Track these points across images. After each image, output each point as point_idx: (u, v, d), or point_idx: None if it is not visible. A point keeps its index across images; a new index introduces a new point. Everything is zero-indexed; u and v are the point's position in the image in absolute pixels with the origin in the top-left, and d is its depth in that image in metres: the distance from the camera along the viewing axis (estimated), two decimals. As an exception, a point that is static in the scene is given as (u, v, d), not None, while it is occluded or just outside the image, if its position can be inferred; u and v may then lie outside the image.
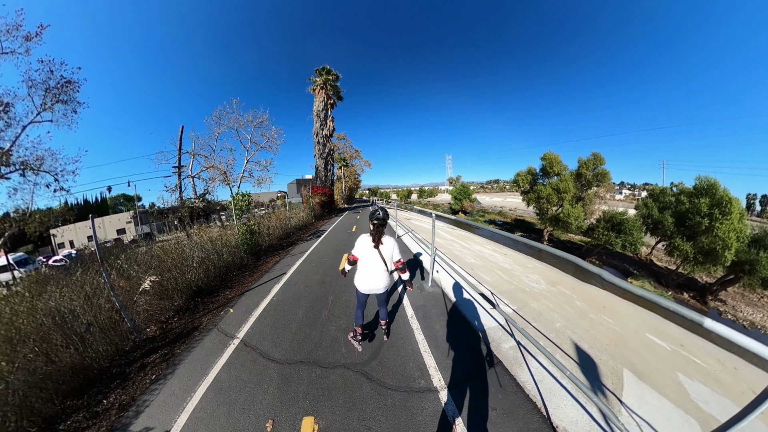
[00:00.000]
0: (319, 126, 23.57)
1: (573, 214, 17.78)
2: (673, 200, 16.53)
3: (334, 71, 23.41)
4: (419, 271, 5.55)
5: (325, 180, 24.51)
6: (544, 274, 5.64)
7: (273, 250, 8.43)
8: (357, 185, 52.89)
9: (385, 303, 3.03)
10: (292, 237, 10.93)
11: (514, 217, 39.04)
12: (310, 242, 9.24)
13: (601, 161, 19.81)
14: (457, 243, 8.65)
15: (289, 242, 9.79)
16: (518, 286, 4.67)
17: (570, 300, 4.22)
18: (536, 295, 4.24)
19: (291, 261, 6.80)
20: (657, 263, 20.13)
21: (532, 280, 5.09)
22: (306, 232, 12.17)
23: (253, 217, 11.07)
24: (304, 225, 14.47)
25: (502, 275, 5.28)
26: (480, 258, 6.76)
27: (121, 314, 3.31)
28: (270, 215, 11.74)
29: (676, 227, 14.92)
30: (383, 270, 2.73)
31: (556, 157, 21.44)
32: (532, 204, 21.95)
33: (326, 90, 23.27)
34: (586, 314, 3.71)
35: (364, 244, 2.73)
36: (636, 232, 15.09)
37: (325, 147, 24.23)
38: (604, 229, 15.74)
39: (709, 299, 15.12)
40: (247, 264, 6.77)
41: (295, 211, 14.81)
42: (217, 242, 6.39)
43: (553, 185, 20.02)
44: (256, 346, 3.14)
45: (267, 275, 5.72)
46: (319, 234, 11.08)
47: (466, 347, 2.98)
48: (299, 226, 13.57)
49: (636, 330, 3.39)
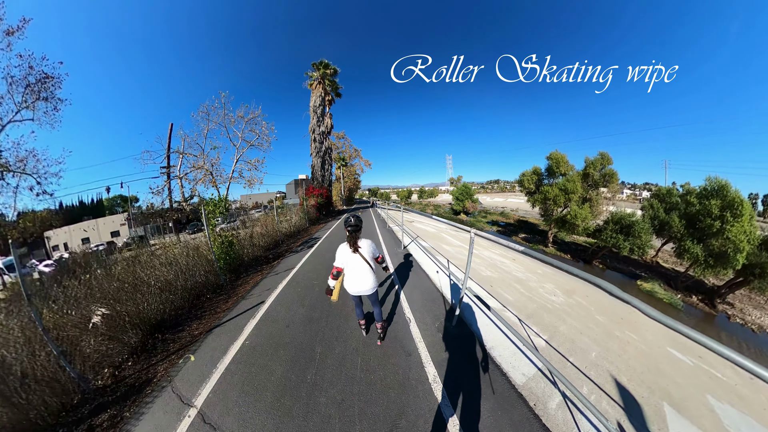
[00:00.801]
0: (316, 122, 22.35)
1: (580, 216, 17.42)
2: (679, 201, 16.30)
3: (333, 65, 22.41)
4: (442, 305, 4.20)
5: (321, 180, 23.10)
6: (556, 282, 5.41)
7: (257, 264, 7.39)
8: (357, 186, 52.00)
9: (377, 303, 3.15)
10: (280, 247, 9.66)
11: (517, 218, 38.80)
12: (300, 254, 8.09)
13: (608, 161, 19.48)
14: (465, 248, 8.29)
15: (276, 253, 8.67)
16: (540, 303, 4.47)
17: (590, 314, 4.00)
18: (560, 314, 4.11)
19: (274, 282, 5.67)
20: (663, 265, 19.90)
21: (549, 292, 4.82)
22: (298, 240, 11.01)
23: (245, 221, 10.47)
24: (297, 231, 13.21)
25: (521, 290, 5.06)
26: (494, 268, 6.47)
27: (61, 361, 2.71)
28: (254, 223, 10.52)
29: (687, 229, 14.63)
30: (368, 270, 2.92)
31: (562, 156, 20.96)
32: (539, 205, 21.48)
33: (324, 85, 22.17)
34: (611, 332, 3.53)
35: (344, 252, 2.95)
36: (645, 234, 14.78)
37: (322, 145, 22.92)
38: (613, 232, 15.40)
39: (718, 302, 14.89)
40: (224, 283, 5.77)
41: (288, 214, 13.76)
42: (193, 256, 5.55)
43: (560, 186, 19.61)
44: (217, 425, 2.31)
45: (243, 303, 4.76)
46: (312, 243, 9.83)
47: (507, 420, 2.23)
48: (291, 233, 12.32)
49: (658, 345, 3.38)
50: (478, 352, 3.06)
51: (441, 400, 2.40)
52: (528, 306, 4.28)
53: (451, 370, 2.76)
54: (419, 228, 12.12)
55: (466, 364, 2.88)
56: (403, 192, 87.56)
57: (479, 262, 6.85)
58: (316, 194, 19.57)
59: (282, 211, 13.04)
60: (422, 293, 4.67)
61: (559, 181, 20.31)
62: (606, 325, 3.79)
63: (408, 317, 3.84)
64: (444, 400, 2.40)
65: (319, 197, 19.54)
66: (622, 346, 3.30)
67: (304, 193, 20.49)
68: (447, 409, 2.32)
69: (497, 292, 4.79)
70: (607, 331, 3.65)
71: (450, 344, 3.20)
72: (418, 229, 11.54)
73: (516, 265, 6.73)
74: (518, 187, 24.07)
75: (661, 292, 15.26)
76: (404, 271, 5.86)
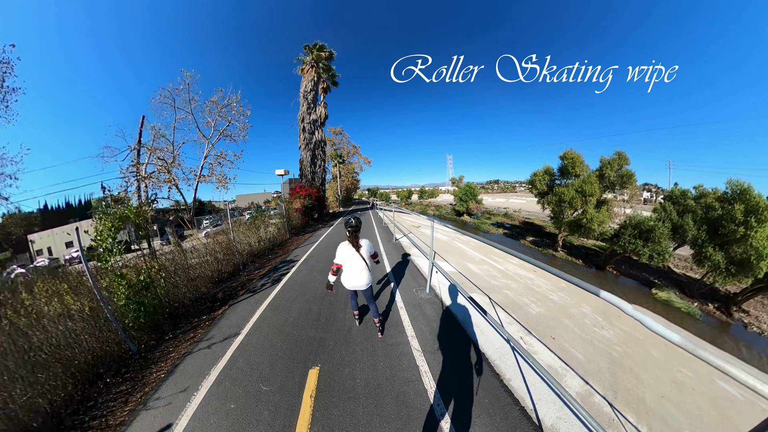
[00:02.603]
0: (306, 109, 19.16)
1: (597, 219, 16.86)
2: (693, 203, 15.95)
3: (328, 48, 19.89)
4: (474, 373, 2.89)
5: (312, 177, 19.77)
6: (590, 302, 4.95)
7: (196, 312, 4.80)
8: (355, 185, 49.68)
9: (372, 299, 3.48)
10: (239, 276, 6.72)
11: (522, 220, 38.42)
12: (259, 297, 5.19)
13: (625, 161, 18.77)
14: (491, 266, 7.72)
15: (230, 289, 5.86)
16: (605, 350, 3.57)
17: (649, 355, 3.53)
18: (626, 361, 3.43)
19: (200, 367, 3.25)
20: (675, 270, 19.64)
21: (597, 324, 4.37)
22: (268, 261, 8.03)
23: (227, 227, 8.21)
24: (273, 245, 10.20)
25: (577, 331, 4.05)
26: (538, 298, 5.28)
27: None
28: (198, 248, 7.27)
29: (708, 235, 14.27)
30: (364, 267, 3.24)
31: (578, 156, 20.05)
32: (552, 207, 20.57)
33: (317, 69, 19.67)
34: (686, 386, 3.10)
35: (345, 249, 3.25)
36: (664, 240, 14.38)
37: (312, 136, 19.62)
38: (631, 237, 14.94)
39: (734, 310, 14.59)
40: (133, 353, 3.58)
41: (261, 224, 10.51)
42: (62, 310, 3.50)
43: (577, 187, 18.74)
44: None
45: (144, 416, 2.62)
46: (284, 271, 6.78)
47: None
48: (260, 251, 9.15)
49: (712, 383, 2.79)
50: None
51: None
52: (598, 361, 3.21)
53: None
54: (427, 236, 11.59)
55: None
56: (403, 192, 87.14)
57: (516, 288, 6.02)
58: (303, 195, 16.27)
59: (258, 217, 10.86)
60: (454, 359, 3.14)
61: (575, 182, 19.44)
62: (680, 378, 3.24)
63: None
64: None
65: (307, 198, 16.25)
66: (704, 405, 2.77)
67: (289, 193, 17.34)
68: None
69: (563, 346, 3.43)
70: (679, 383, 3.12)
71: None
72: (428, 238, 10.97)
73: (547, 285, 6.20)
74: (520, 188, 23.57)
75: (678, 301, 14.97)
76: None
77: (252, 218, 11.19)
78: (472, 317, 3.91)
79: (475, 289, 5.21)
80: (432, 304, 4.46)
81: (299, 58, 19.92)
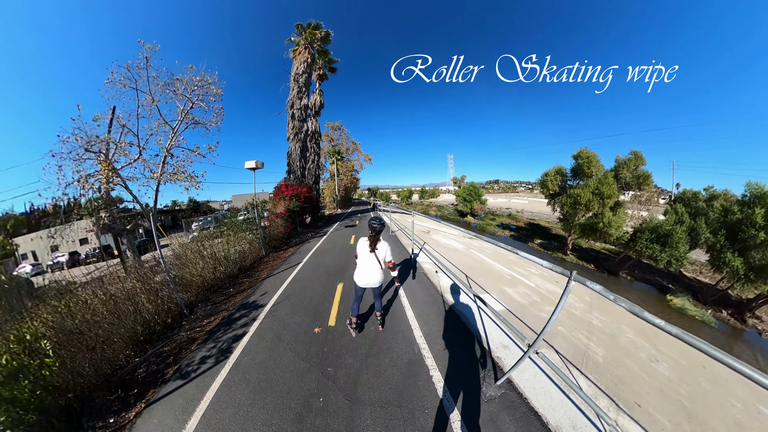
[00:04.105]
0: (297, 93, 16.27)
1: (615, 223, 16.45)
2: (704, 206, 15.76)
3: (324, 28, 17.38)
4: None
5: (302, 174, 16.86)
6: (629, 323, 4.60)
7: (102, 405, 2.93)
8: (355, 184, 46.89)
9: (379, 297, 3.76)
10: (179, 329, 4.50)
11: (527, 221, 38.23)
12: (189, 397, 2.94)
13: (642, 161, 18.18)
14: (525, 285, 7.17)
15: (158, 358, 3.74)
16: (676, 400, 2.98)
17: (726, 400, 3.13)
18: (698, 409, 2.94)
19: None
20: (685, 274, 19.53)
21: (651, 356, 3.95)
22: (224, 302, 5.51)
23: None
24: (240, 269, 7.62)
25: (646, 378, 3.31)
26: (587, 329, 4.40)
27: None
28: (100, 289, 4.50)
29: (727, 240, 14.08)
30: (378, 268, 3.43)
31: (594, 155, 19.06)
32: (566, 209, 19.75)
33: (311, 50, 17.34)
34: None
35: (363, 247, 3.44)
36: (682, 245, 14.14)
37: (303, 124, 16.72)
38: (648, 241, 14.67)
39: (747, 316, 14.42)
40: None
41: (225, 241, 8.07)
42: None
43: (593, 188, 18.01)
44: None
45: None
46: (243, 325, 4.37)
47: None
48: (221, 279, 6.69)
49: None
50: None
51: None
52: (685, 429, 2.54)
53: None
54: (442, 244, 10.79)
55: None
56: (403, 192, 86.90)
57: (551, 309, 5.23)
58: (289, 195, 13.17)
59: (225, 229, 8.77)
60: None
61: (590, 183, 18.60)
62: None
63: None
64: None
65: (293, 200, 13.05)
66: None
67: (272, 193, 14.40)
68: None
69: (652, 418, 2.57)
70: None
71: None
72: (442, 246, 10.25)
73: (573, 297, 5.81)
74: (520, 188, 23.10)
75: (692, 309, 14.86)
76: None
77: (218, 228, 9.03)
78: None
79: (536, 337, 4.22)
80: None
81: (291, 39, 17.31)
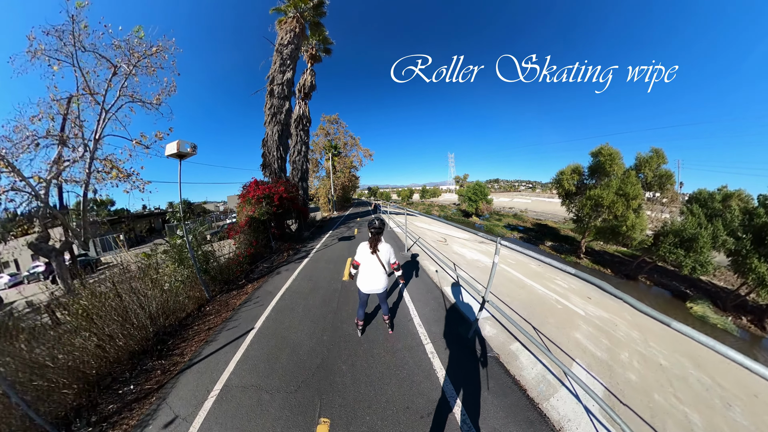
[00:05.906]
0: (279, 67, 12.32)
1: (639, 226, 15.77)
2: (721, 207, 15.32)
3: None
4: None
5: (280, 168, 12.55)
6: (661, 339, 4.00)
7: None
8: (354, 183, 42.99)
9: (385, 301, 3.57)
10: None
11: (533, 221, 37.80)
12: None
13: (663, 159, 17.34)
14: (573, 311, 6.48)
15: None
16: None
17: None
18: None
19: None
20: (701, 278, 19.22)
21: (710, 388, 3.34)
22: (117, 417, 2.61)
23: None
24: (159, 332, 3.94)
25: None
26: (628, 352, 3.60)
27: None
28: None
29: (753, 245, 13.71)
30: (382, 272, 3.32)
31: (616, 152, 17.71)
32: (586, 210, 18.56)
33: (301, 21, 13.54)
34: None
35: (364, 251, 3.35)
36: (707, 250, 13.71)
37: (284, 103, 12.46)
38: (672, 245, 14.19)
39: (767, 322, 14.03)
40: None
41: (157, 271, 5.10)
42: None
43: (616, 189, 16.73)
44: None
45: None
46: None
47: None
48: (118, 361, 3.35)
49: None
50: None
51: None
52: None
53: None
54: (470, 261, 8.20)
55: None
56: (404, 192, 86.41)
57: (581, 325, 4.39)
58: (255, 197, 9.43)
59: (151, 263, 5.52)
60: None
61: (612, 183, 17.30)
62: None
63: None
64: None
65: (264, 203, 9.41)
66: None
67: (239, 196, 10.33)
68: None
69: None
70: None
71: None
72: (474, 267, 7.47)
73: (594, 308, 5.18)
74: (521, 186, 22.53)
75: (713, 317, 14.56)
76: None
77: (147, 260, 5.66)
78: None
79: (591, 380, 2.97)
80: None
81: (277, 8, 13.72)
